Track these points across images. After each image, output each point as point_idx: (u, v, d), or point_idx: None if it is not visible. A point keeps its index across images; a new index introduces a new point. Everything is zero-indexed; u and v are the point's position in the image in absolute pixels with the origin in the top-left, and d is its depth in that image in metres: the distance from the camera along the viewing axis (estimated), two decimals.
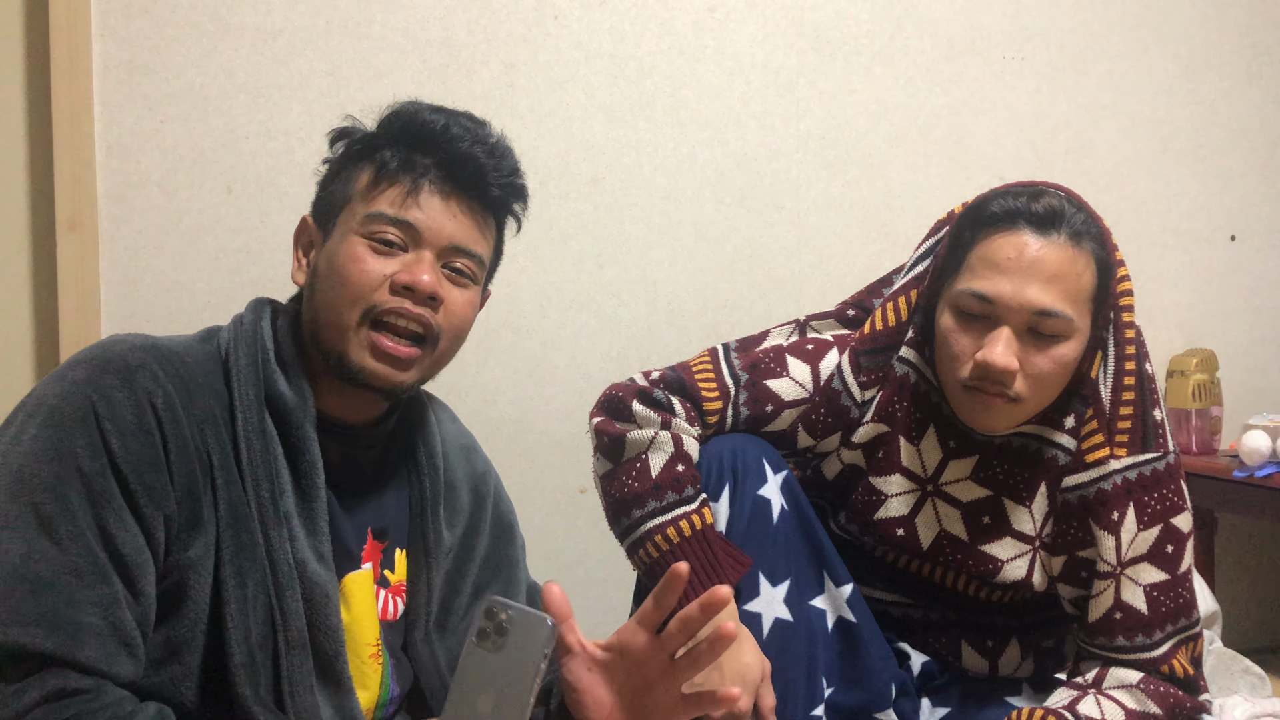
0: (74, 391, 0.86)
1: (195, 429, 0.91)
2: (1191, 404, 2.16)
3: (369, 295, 0.97)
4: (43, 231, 1.69)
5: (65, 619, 0.80)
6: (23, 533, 0.81)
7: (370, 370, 0.97)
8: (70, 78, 1.65)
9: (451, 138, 1.01)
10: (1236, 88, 2.34)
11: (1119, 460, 1.19)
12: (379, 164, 1.00)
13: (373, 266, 0.97)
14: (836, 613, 1.23)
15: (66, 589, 0.81)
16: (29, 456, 0.83)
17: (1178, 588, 1.19)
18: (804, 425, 1.27)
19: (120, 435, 0.85)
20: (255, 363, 0.97)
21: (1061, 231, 1.11)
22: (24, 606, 0.79)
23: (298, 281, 1.03)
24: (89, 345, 0.92)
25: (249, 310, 1.02)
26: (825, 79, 2.06)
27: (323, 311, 0.99)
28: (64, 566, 0.81)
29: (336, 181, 1.04)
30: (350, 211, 1.00)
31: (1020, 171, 2.10)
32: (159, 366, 0.90)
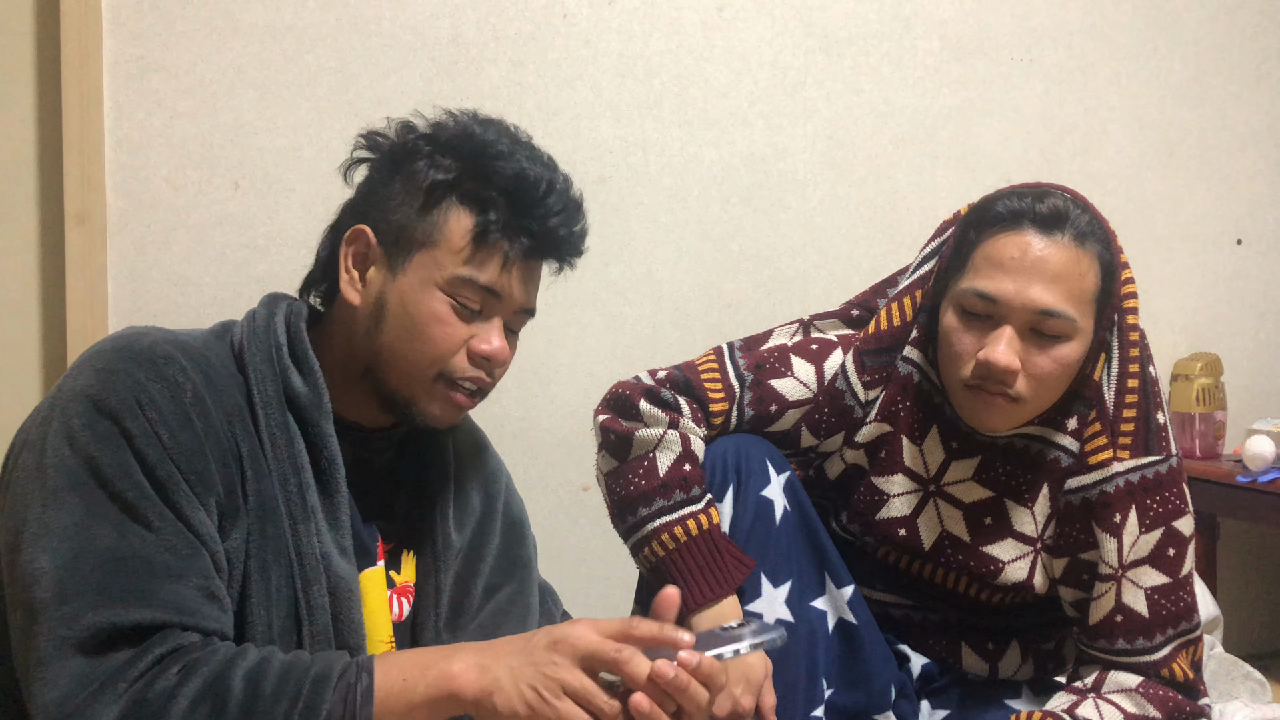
0: (113, 383, 0.86)
1: (224, 421, 0.91)
2: (1195, 408, 2.16)
3: (448, 359, 0.98)
4: (51, 225, 1.69)
5: (174, 593, 0.83)
6: (109, 518, 0.83)
7: (437, 419, 1.01)
8: (80, 73, 1.66)
9: (550, 209, 1.00)
10: (1245, 91, 2.34)
11: (1121, 463, 1.19)
12: (482, 225, 0.97)
13: (456, 332, 0.98)
14: (837, 614, 1.24)
15: (167, 565, 0.83)
16: (89, 447, 0.84)
17: (1179, 591, 1.19)
18: (807, 425, 1.27)
19: (166, 425, 0.86)
20: (270, 359, 0.97)
21: (1066, 232, 1.11)
22: (134, 585, 0.81)
23: (350, 299, 0.99)
24: (109, 337, 0.93)
25: (262, 306, 1.02)
26: (833, 79, 2.06)
27: (392, 356, 0.98)
28: (160, 545, 0.84)
29: (412, 205, 0.98)
30: (434, 260, 0.97)
31: (1027, 173, 2.10)
32: (185, 360, 0.91)
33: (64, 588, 0.80)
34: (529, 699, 0.83)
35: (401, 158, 1.01)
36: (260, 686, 0.82)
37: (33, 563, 0.81)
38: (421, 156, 0.99)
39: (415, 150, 1.00)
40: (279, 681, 0.82)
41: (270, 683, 0.82)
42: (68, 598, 0.80)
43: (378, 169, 1.03)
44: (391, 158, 1.02)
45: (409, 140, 1.01)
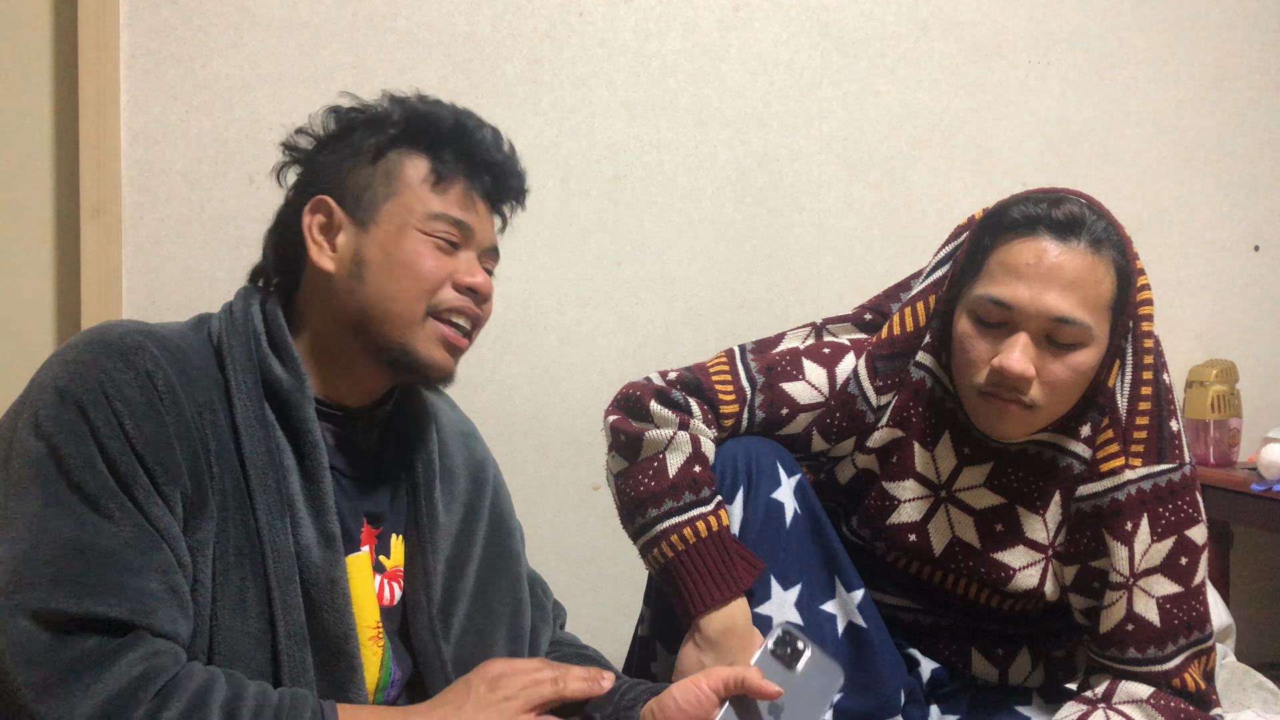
0: (80, 373, 0.86)
1: (195, 414, 0.91)
2: (1210, 415, 2.14)
3: (435, 291, 1.00)
4: (67, 218, 1.70)
5: (133, 587, 0.82)
6: (70, 509, 0.83)
7: (437, 361, 1.02)
8: (97, 67, 1.66)
9: (492, 145, 1.05)
10: (1263, 95, 2.32)
11: (1134, 470, 1.18)
12: (440, 163, 1.02)
13: (440, 264, 1.00)
14: (847, 618, 1.23)
15: (126, 558, 0.83)
16: (53, 437, 0.84)
17: (1191, 600, 1.18)
18: (819, 429, 1.27)
19: (132, 416, 0.86)
20: (249, 348, 0.98)
21: (1082, 238, 1.10)
22: (91, 577, 0.81)
23: (324, 267, 1.00)
24: (84, 330, 0.93)
25: (238, 298, 1.03)
26: (849, 80, 2.05)
27: (381, 302, 0.99)
28: (119, 539, 0.83)
29: (362, 165, 1.02)
30: (404, 205, 1.00)
31: (1043, 177, 2.09)
32: (157, 349, 0.91)
33: (20, 576, 0.80)
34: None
35: (340, 131, 1.04)
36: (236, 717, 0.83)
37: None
38: (356, 127, 1.03)
39: (350, 124, 1.04)
40: (253, 715, 0.84)
41: (246, 714, 0.83)
42: (23, 585, 0.80)
43: (318, 151, 1.05)
44: (329, 136, 1.05)
45: (348, 116, 1.05)
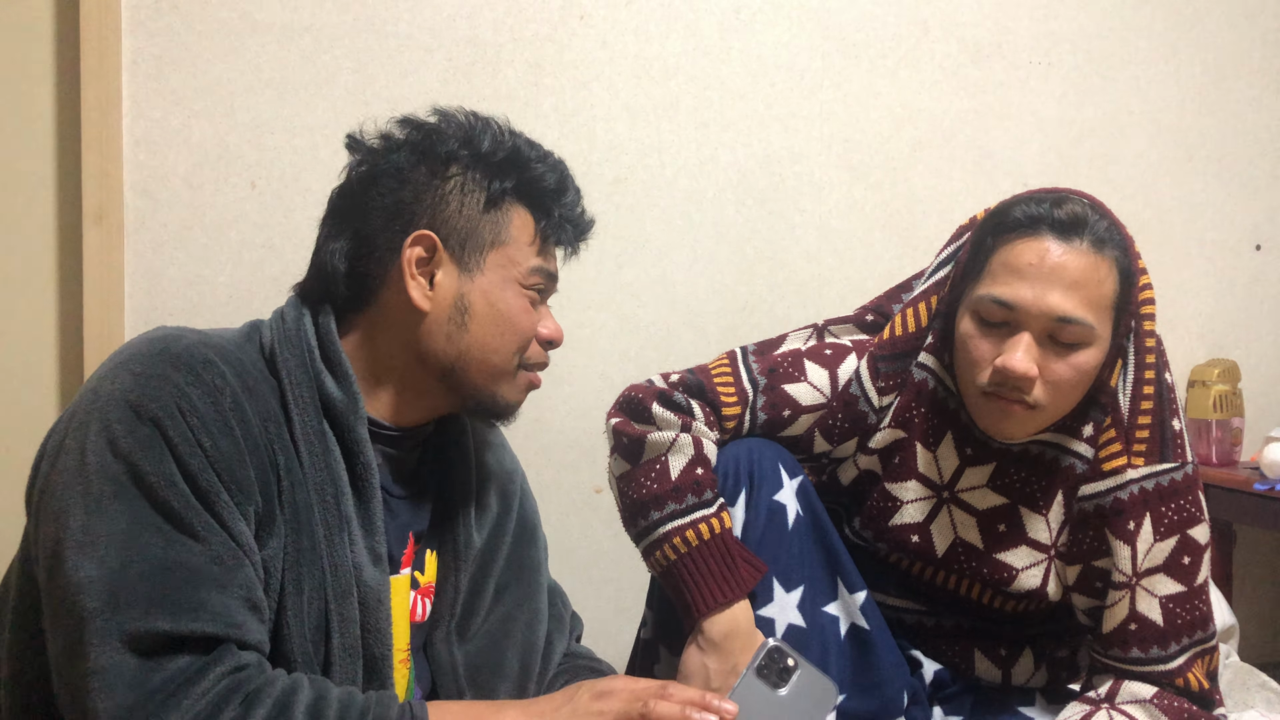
0: (153, 387, 0.85)
1: (261, 428, 0.91)
2: (1212, 415, 2.14)
3: (529, 347, 1.06)
4: (69, 224, 1.71)
5: (221, 603, 0.83)
6: (155, 526, 0.82)
7: (515, 403, 1.07)
8: (99, 72, 1.67)
9: (576, 202, 1.09)
10: (1265, 95, 2.32)
11: (1136, 470, 1.18)
12: (549, 221, 1.05)
13: (533, 320, 1.05)
14: (850, 620, 1.23)
15: (214, 575, 0.83)
16: (132, 454, 0.83)
17: (1194, 600, 1.18)
18: (821, 430, 1.27)
19: (208, 432, 0.86)
20: (304, 363, 0.97)
21: (1084, 238, 1.10)
22: (184, 595, 0.81)
23: (419, 305, 0.99)
24: (142, 339, 0.91)
25: (290, 307, 1.02)
26: (849, 82, 2.05)
27: (482, 352, 1.01)
28: (206, 555, 0.83)
29: (474, 208, 1.01)
30: (507, 257, 1.02)
31: (1044, 177, 2.09)
32: (223, 364, 0.90)
33: (116, 596, 0.79)
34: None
35: (440, 163, 1.02)
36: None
37: (77, 571, 0.80)
38: (461, 161, 1.02)
39: (454, 156, 1.02)
40: (339, 717, 0.84)
41: (331, 716, 0.83)
42: (119, 606, 0.79)
43: (405, 172, 1.02)
44: (428, 161, 1.02)
45: (449, 148, 1.02)
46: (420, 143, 1.03)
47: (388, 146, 1.04)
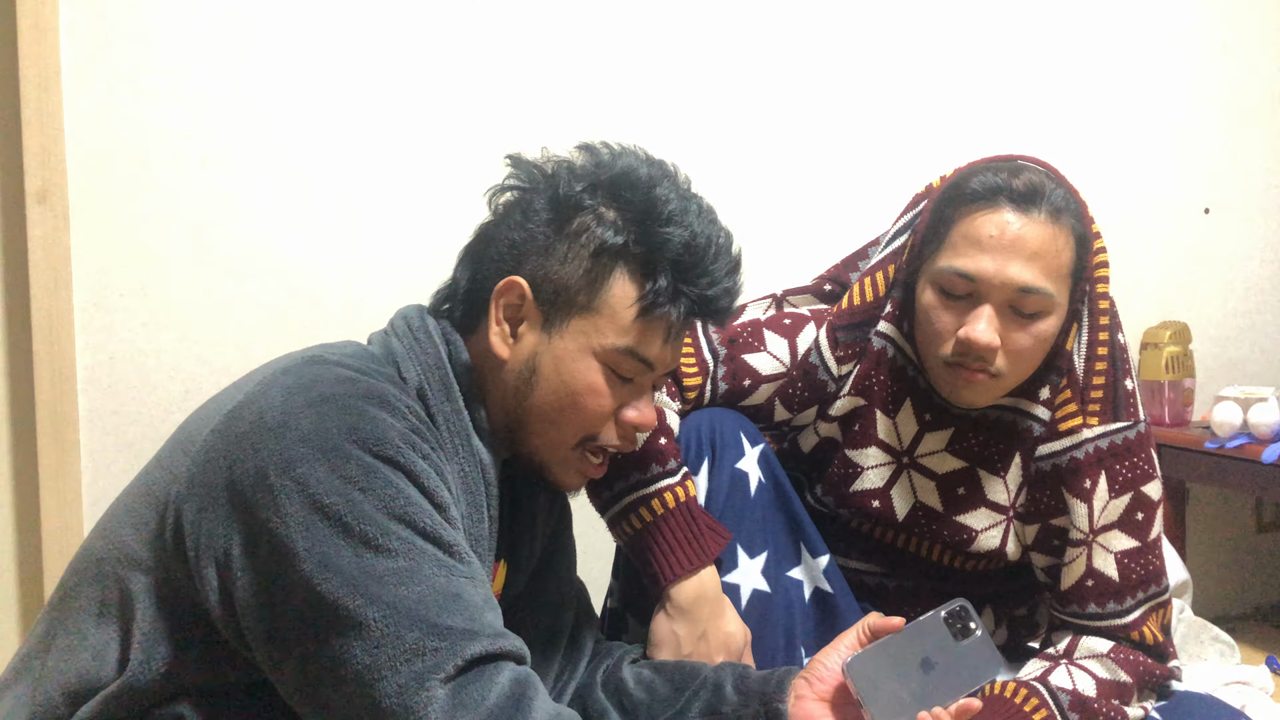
0: (374, 425, 0.82)
1: (442, 471, 0.89)
2: (1165, 376, 2.18)
3: (598, 427, 0.97)
4: (12, 203, 1.66)
5: (500, 622, 0.82)
6: (430, 556, 0.80)
7: (569, 487, 1.03)
8: (37, 46, 1.62)
9: (716, 276, 0.96)
10: (1212, 60, 2.35)
11: (1091, 429, 1.20)
12: (650, 297, 0.94)
13: (608, 403, 0.96)
14: (813, 583, 1.25)
15: (486, 598, 0.82)
16: (383, 489, 0.80)
17: (1148, 555, 1.21)
18: (781, 399, 1.28)
19: (429, 463, 0.85)
20: (459, 411, 0.94)
21: (1042, 209, 1.11)
22: (473, 620, 0.79)
23: (499, 353, 0.95)
24: (301, 367, 0.87)
25: (421, 335, 0.97)
26: (805, 45, 2.05)
27: (541, 421, 0.97)
28: (474, 578, 0.82)
29: (574, 264, 0.94)
30: (595, 327, 0.94)
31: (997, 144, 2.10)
32: (411, 406, 0.87)
33: (435, 626, 0.77)
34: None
35: (563, 207, 0.95)
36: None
37: (370, 609, 0.76)
38: (585, 210, 0.95)
39: (578, 203, 0.95)
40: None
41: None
42: (443, 634, 0.77)
43: (533, 210, 0.97)
44: (552, 203, 0.96)
45: (573, 191, 0.95)
46: (552, 179, 0.97)
47: (530, 179, 0.99)
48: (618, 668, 1.10)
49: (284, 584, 0.78)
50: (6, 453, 1.68)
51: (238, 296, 1.74)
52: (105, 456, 1.68)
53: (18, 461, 1.68)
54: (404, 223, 1.80)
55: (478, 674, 0.77)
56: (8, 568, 1.69)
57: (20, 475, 1.68)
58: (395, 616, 0.76)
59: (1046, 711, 1.11)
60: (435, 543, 0.81)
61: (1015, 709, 1.11)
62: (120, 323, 1.69)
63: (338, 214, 1.78)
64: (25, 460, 1.68)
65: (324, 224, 1.78)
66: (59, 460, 1.65)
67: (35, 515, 1.66)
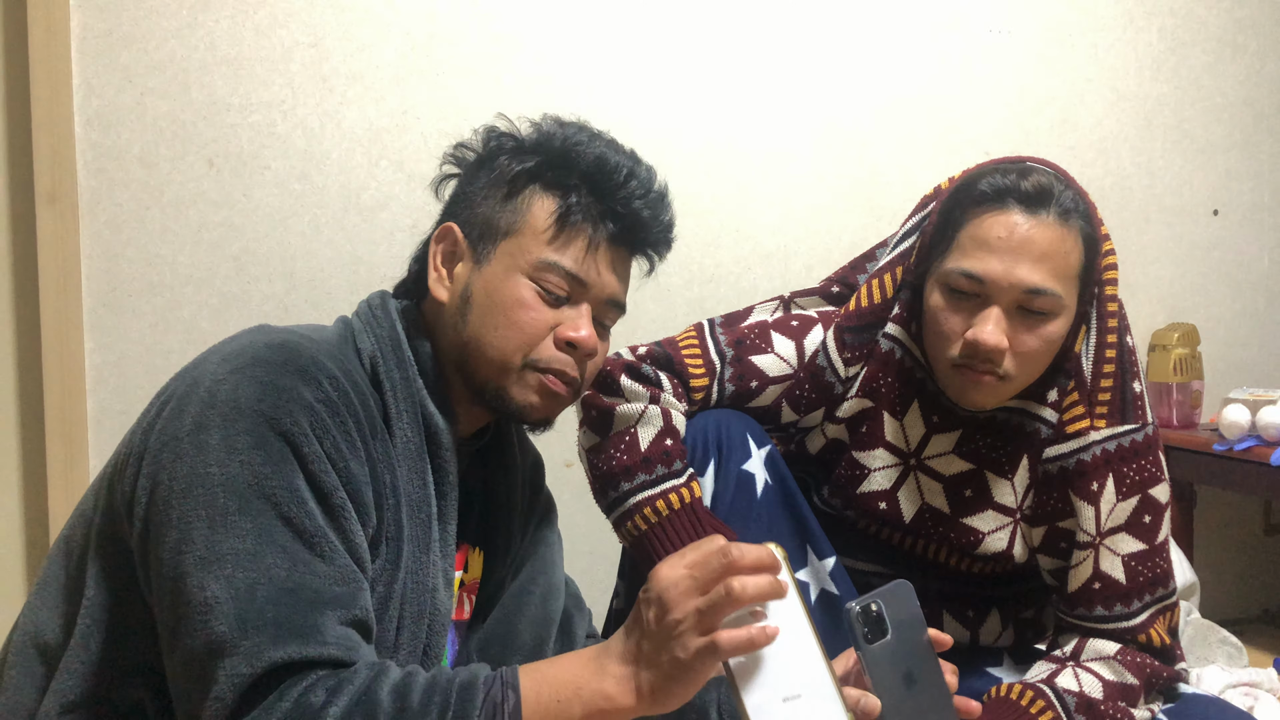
0: (283, 401, 0.82)
1: (375, 447, 0.89)
2: (1173, 378, 2.18)
3: (534, 344, 0.98)
4: (22, 204, 1.67)
5: (341, 628, 0.80)
6: (282, 545, 0.79)
7: (534, 407, 1.00)
8: (48, 49, 1.63)
9: (632, 193, 1.00)
10: (1220, 62, 2.35)
11: (1099, 431, 1.20)
12: (564, 209, 0.98)
13: (541, 317, 0.98)
14: (820, 585, 1.25)
15: (336, 597, 0.80)
16: (260, 468, 0.80)
17: (1155, 557, 1.21)
18: (788, 400, 1.28)
19: (339, 452, 0.84)
20: (408, 378, 0.95)
21: (1051, 210, 1.11)
22: (307, 619, 0.78)
23: (439, 296, 0.99)
24: (257, 340, 0.88)
25: (381, 311, 0.99)
26: (812, 54, 2.05)
27: (479, 345, 0.98)
28: (330, 576, 0.80)
29: (496, 197, 1.00)
30: (519, 247, 0.98)
31: (1006, 146, 2.10)
32: (345, 379, 0.87)
33: (244, 622, 0.76)
34: (682, 666, 0.78)
35: (486, 157, 1.02)
36: (408, 699, 0.78)
37: (203, 590, 0.77)
38: (504, 153, 1.01)
39: (499, 148, 1.02)
40: (425, 693, 0.78)
41: (417, 694, 0.78)
42: (248, 632, 0.76)
43: (466, 173, 1.04)
44: (477, 161, 1.03)
45: (492, 141, 1.02)
46: (481, 145, 1.04)
47: (458, 160, 1.05)
48: None
49: (156, 544, 0.80)
50: (16, 452, 1.69)
51: (245, 297, 1.74)
52: None
53: (27, 461, 1.69)
54: (410, 223, 1.81)
55: (269, 687, 0.76)
56: (16, 566, 1.70)
57: (29, 475, 1.69)
58: (217, 603, 0.76)
59: (1053, 714, 1.11)
60: (294, 530, 0.80)
61: (1022, 711, 1.11)
62: (129, 323, 1.70)
63: (345, 215, 1.79)
64: (34, 460, 1.68)
65: (331, 225, 1.78)
66: (68, 460, 1.66)
67: (44, 514, 1.66)
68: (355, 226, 1.79)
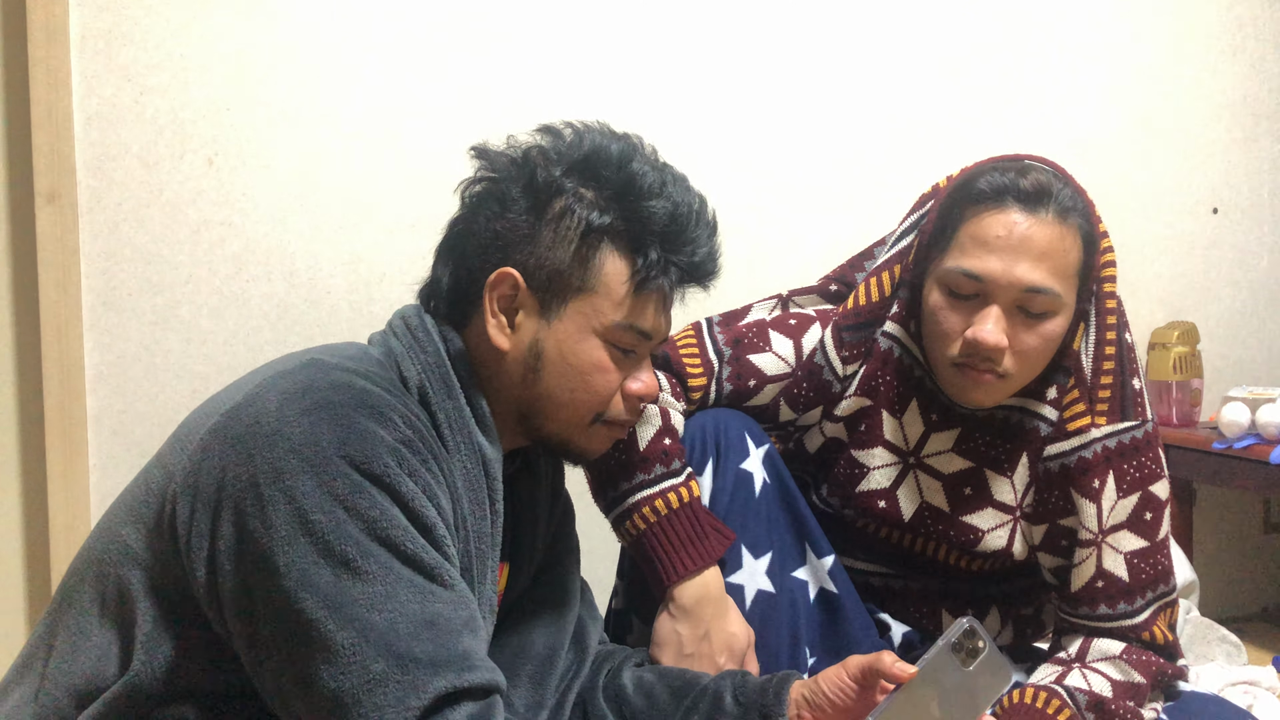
0: (365, 442, 0.81)
1: (442, 479, 0.89)
2: (1172, 376, 2.18)
3: (608, 402, 0.99)
4: (21, 203, 1.67)
5: (480, 651, 0.82)
6: (410, 581, 0.79)
7: (594, 454, 1.03)
8: (48, 48, 1.63)
9: (699, 242, 0.99)
10: (1220, 60, 2.34)
11: (1099, 429, 1.20)
12: (642, 271, 0.95)
13: (616, 377, 0.98)
14: (818, 584, 1.25)
15: (466, 622, 0.81)
16: (368, 510, 0.79)
17: (1156, 554, 1.21)
18: (786, 399, 1.28)
19: (426, 484, 0.84)
20: (460, 408, 0.94)
21: (1050, 208, 1.11)
22: (454, 647, 0.79)
23: (498, 344, 0.95)
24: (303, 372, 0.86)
25: (421, 334, 0.96)
26: (811, 52, 2.05)
27: (553, 404, 0.97)
28: (455, 603, 0.81)
29: (564, 248, 0.95)
30: (592, 307, 0.95)
31: (1004, 144, 2.10)
32: (409, 413, 0.87)
33: (400, 657, 0.76)
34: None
35: (541, 193, 0.96)
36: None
37: (342, 633, 0.76)
38: (565, 194, 0.95)
39: (558, 187, 0.95)
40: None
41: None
42: (406, 667, 0.76)
43: (509, 200, 0.96)
44: (528, 190, 0.96)
45: (550, 176, 0.95)
46: (524, 166, 0.97)
47: (499, 168, 0.98)
48: (619, 672, 1.10)
49: (264, 595, 0.78)
50: (15, 452, 1.69)
51: (245, 296, 1.74)
52: (113, 456, 1.69)
53: (26, 461, 1.69)
54: (411, 223, 1.81)
55: (433, 715, 0.76)
56: (16, 567, 1.70)
57: (29, 474, 1.69)
58: (363, 643, 0.76)
59: (1070, 711, 1.11)
60: (415, 567, 0.80)
61: (1039, 714, 1.11)
62: (128, 322, 1.70)
63: (345, 214, 1.79)
64: (33, 459, 1.68)
65: (331, 224, 1.78)
66: (67, 460, 1.66)
67: (43, 514, 1.67)
68: (355, 225, 1.79)
